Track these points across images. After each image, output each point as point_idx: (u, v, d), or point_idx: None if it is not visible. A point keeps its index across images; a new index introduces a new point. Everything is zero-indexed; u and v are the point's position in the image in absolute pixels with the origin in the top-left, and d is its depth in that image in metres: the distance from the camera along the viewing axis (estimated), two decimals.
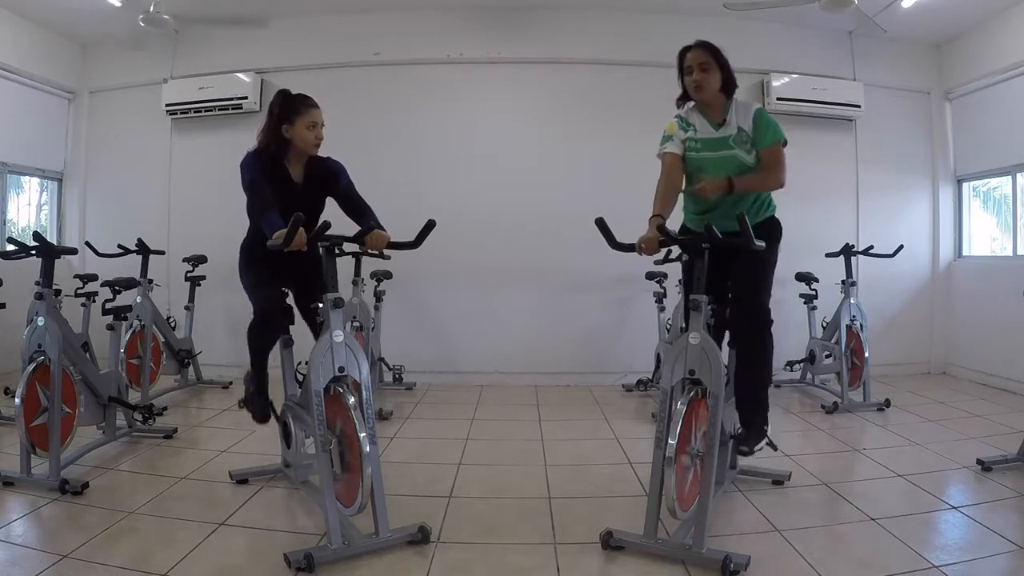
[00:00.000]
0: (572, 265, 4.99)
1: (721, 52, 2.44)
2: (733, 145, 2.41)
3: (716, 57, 2.42)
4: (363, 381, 2.22)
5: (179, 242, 5.03)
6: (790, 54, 5.22)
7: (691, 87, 2.45)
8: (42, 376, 2.69)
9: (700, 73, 2.41)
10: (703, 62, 2.41)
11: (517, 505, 2.54)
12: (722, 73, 2.42)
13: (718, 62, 2.41)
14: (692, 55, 2.44)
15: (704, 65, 2.41)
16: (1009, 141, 4.83)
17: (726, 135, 2.42)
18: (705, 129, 2.45)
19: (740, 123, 2.41)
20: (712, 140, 2.44)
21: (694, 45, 2.46)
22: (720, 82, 2.43)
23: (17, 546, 2.10)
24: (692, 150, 2.47)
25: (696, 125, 2.47)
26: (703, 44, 2.45)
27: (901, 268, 5.09)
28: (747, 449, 2.41)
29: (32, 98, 5.23)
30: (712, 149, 2.43)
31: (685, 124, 2.49)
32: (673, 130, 2.50)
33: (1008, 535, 2.17)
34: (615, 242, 2.28)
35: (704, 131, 2.45)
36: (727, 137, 2.42)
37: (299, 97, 2.50)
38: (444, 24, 5.14)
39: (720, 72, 2.42)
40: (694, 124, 2.48)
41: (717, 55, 2.42)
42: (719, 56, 2.42)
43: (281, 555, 2.00)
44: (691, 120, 2.49)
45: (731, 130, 2.42)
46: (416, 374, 4.87)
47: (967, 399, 4.42)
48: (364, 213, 2.53)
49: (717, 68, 2.41)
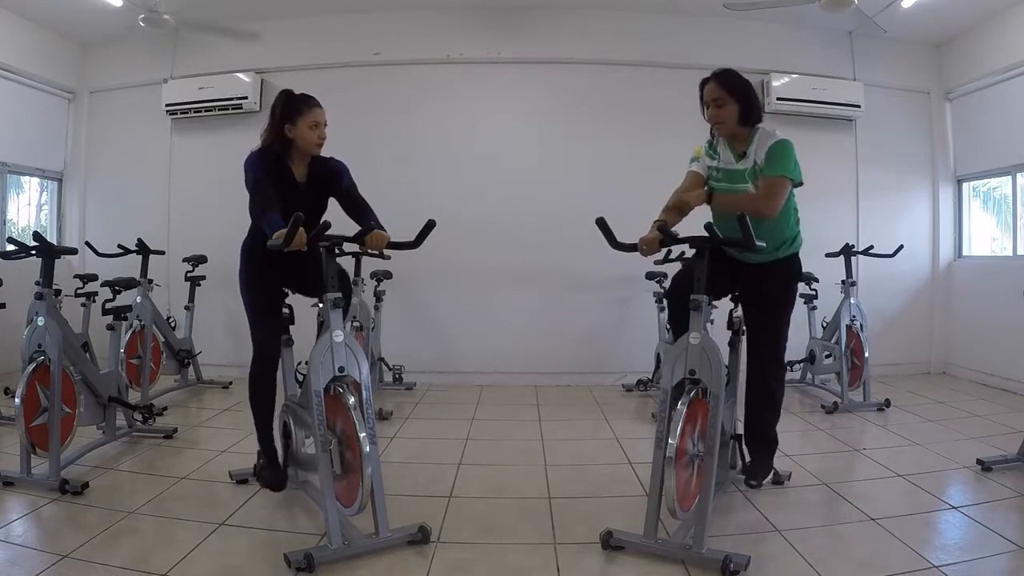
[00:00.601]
0: (572, 265, 4.99)
1: (738, 81, 2.38)
2: (747, 179, 2.39)
3: (731, 91, 2.35)
4: (363, 381, 2.22)
5: (179, 242, 5.03)
6: (790, 54, 5.22)
7: (711, 122, 2.42)
8: (42, 376, 2.69)
9: (715, 109, 2.37)
10: (717, 97, 2.36)
11: (517, 505, 2.54)
12: (740, 106, 2.35)
13: (734, 96, 2.35)
14: (708, 90, 2.40)
15: (719, 101, 2.36)
16: (1009, 141, 4.83)
17: (744, 168, 2.39)
18: (728, 160, 2.44)
19: (757, 156, 2.36)
20: (731, 172, 2.43)
21: (711, 78, 2.40)
22: (738, 115, 2.36)
23: (17, 546, 2.10)
24: (714, 179, 2.47)
25: (721, 155, 2.46)
26: (718, 77, 2.39)
27: (901, 268, 5.09)
28: (755, 483, 2.52)
29: (32, 98, 5.23)
30: (730, 181, 2.42)
31: (712, 152, 2.49)
32: (701, 153, 2.52)
33: (1008, 535, 2.17)
34: (615, 242, 2.28)
35: (726, 162, 2.44)
36: (743, 171, 2.39)
37: (301, 97, 2.50)
38: (444, 24, 5.14)
39: (737, 104, 2.35)
40: (719, 154, 2.46)
41: (732, 88, 2.36)
42: (734, 89, 2.36)
43: (281, 555, 2.00)
44: (718, 149, 2.48)
45: (749, 163, 2.38)
46: (416, 374, 4.87)
47: (967, 399, 4.42)
48: (365, 213, 2.53)
49: (733, 101, 2.35)
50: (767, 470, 2.54)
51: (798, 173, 2.36)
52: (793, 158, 2.35)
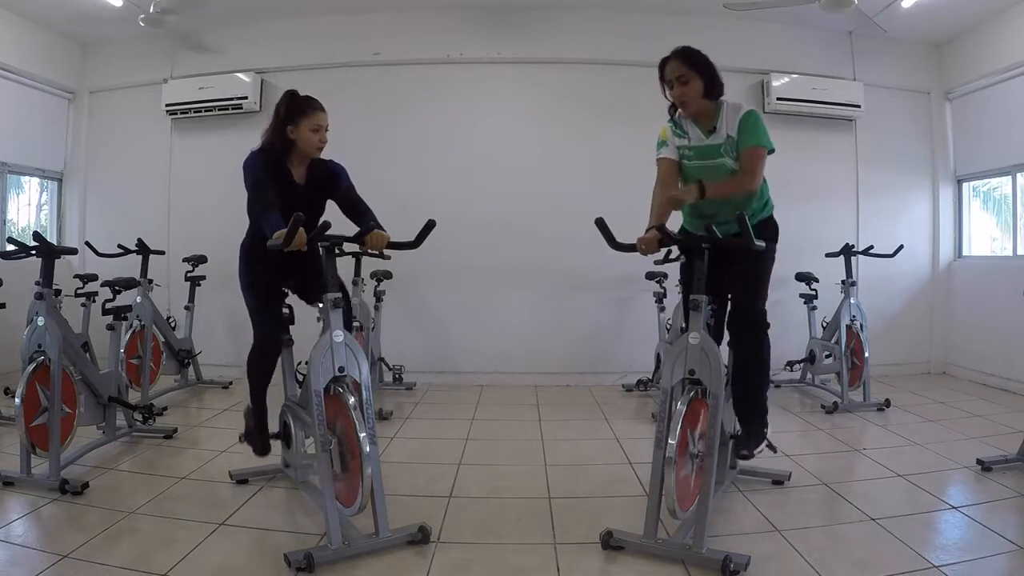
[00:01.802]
0: (572, 265, 4.99)
1: (699, 57, 2.34)
2: (723, 153, 2.36)
3: (693, 65, 2.32)
4: (363, 381, 2.22)
5: (179, 242, 5.03)
6: (790, 54, 5.22)
7: (675, 101, 2.40)
8: (42, 376, 2.69)
9: (680, 87, 2.34)
10: (680, 75, 2.33)
11: (517, 505, 2.54)
12: (703, 80, 2.33)
13: (697, 70, 2.32)
14: (670, 68, 2.36)
15: (683, 78, 2.33)
16: (1009, 141, 4.83)
17: (717, 143, 2.37)
18: (697, 137, 2.41)
19: (728, 130, 2.34)
20: (704, 148, 2.40)
21: (671, 56, 2.37)
22: (702, 89, 2.34)
23: (17, 546, 2.10)
24: (686, 158, 2.44)
25: (689, 133, 2.43)
26: (679, 54, 2.36)
27: (901, 268, 5.10)
28: (747, 453, 2.42)
29: (32, 98, 5.23)
30: (704, 157, 2.40)
31: (679, 131, 2.45)
32: (667, 135, 2.48)
33: (1008, 535, 2.17)
34: (615, 242, 2.28)
35: (696, 139, 2.41)
36: (718, 145, 2.37)
37: (306, 99, 2.50)
38: (444, 24, 5.14)
39: (701, 79, 2.33)
40: (687, 132, 2.43)
41: (694, 63, 2.33)
42: (697, 64, 2.33)
43: (281, 555, 2.00)
44: (684, 127, 2.44)
45: (721, 137, 2.36)
46: (416, 374, 4.87)
47: (967, 399, 4.42)
48: (364, 215, 2.53)
49: (697, 76, 2.32)
50: (759, 439, 2.44)
51: (770, 140, 2.36)
52: (764, 126, 2.35)
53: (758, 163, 2.33)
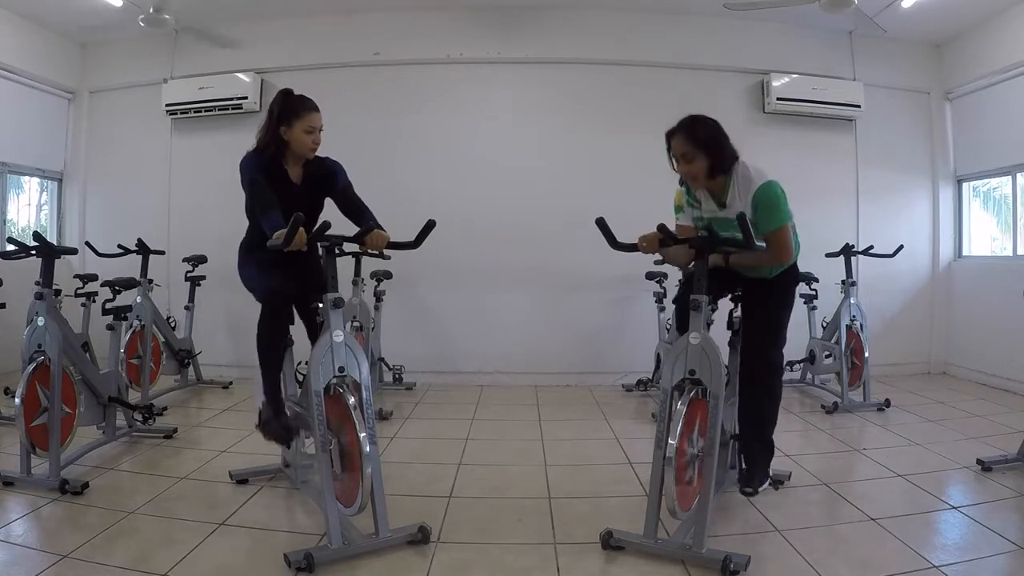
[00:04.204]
0: (572, 265, 4.98)
1: (706, 131, 2.26)
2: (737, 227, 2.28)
3: (699, 143, 2.25)
4: (363, 381, 2.22)
5: (179, 242, 5.03)
6: (790, 54, 5.21)
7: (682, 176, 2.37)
8: (42, 376, 2.69)
9: (685, 165, 2.29)
10: (685, 152, 2.27)
11: (517, 505, 2.54)
12: (709, 158, 2.25)
13: (702, 149, 2.25)
14: (675, 143, 2.30)
15: (687, 156, 2.27)
16: (1009, 141, 4.83)
17: (731, 217, 2.27)
18: (710, 209, 2.39)
19: (742, 203, 2.27)
20: (718, 221, 2.33)
21: (677, 129, 2.30)
22: (708, 168, 2.27)
23: (17, 546, 2.10)
24: (701, 229, 2.40)
25: (702, 203, 2.41)
26: (685, 128, 2.29)
27: (901, 268, 5.10)
28: (751, 490, 2.38)
29: (32, 98, 5.23)
30: (719, 228, 2.29)
31: (692, 200, 2.44)
32: (681, 201, 2.48)
33: (1008, 535, 2.17)
34: (615, 242, 2.28)
35: (709, 211, 2.39)
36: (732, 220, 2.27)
37: (299, 99, 2.48)
38: (444, 24, 5.14)
39: (706, 158, 2.25)
40: (700, 201, 2.41)
41: (700, 140, 2.25)
42: (702, 141, 2.25)
43: (281, 555, 2.00)
44: (697, 196, 2.42)
45: (733, 211, 2.25)
46: (416, 374, 4.87)
47: (967, 399, 4.42)
48: (363, 214, 2.51)
49: (703, 155, 2.25)
50: (764, 478, 2.44)
51: (789, 211, 2.30)
52: (782, 199, 2.27)
53: (787, 239, 2.30)
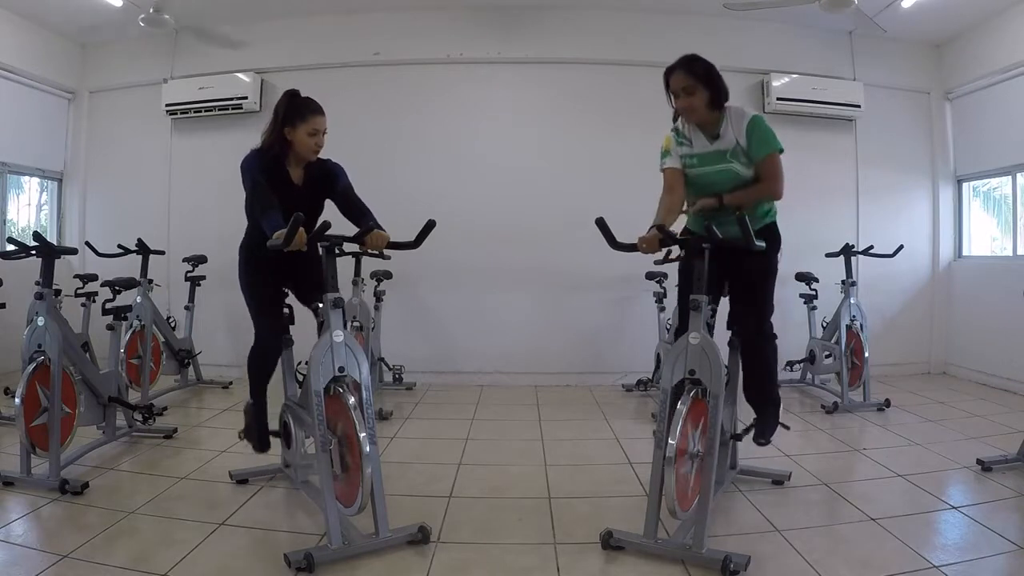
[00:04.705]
0: (572, 265, 4.99)
1: (705, 67, 2.33)
2: (731, 159, 2.36)
3: (699, 77, 2.31)
4: (363, 381, 2.22)
5: (179, 242, 5.03)
6: (790, 54, 5.21)
7: (681, 111, 2.40)
8: (42, 376, 2.68)
9: (686, 98, 2.33)
10: (686, 86, 2.32)
11: (517, 505, 2.54)
12: (708, 90, 2.32)
13: (702, 82, 2.31)
14: (675, 79, 2.35)
15: (688, 89, 2.32)
16: (1009, 141, 4.83)
17: (723, 148, 2.36)
18: (701, 143, 2.40)
19: (735, 136, 2.34)
20: (709, 154, 2.39)
21: (676, 66, 2.36)
22: (708, 100, 2.33)
23: (17, 546, 2.10)
24: (690, 167, 2.43)
25: (692, 139, 2.42)
26: (684, 64, 2.35)
27: (901, 268, 5.10)
28: (763, 440, 2.48)
29: (32, 98, 5.23)
30: (709, 164, 2.39)
31: (681, 138, 2.45)
32: (670, 144, 2.47)
33: (1008, 535, 2.17)
34: (615, 242, 2.28)
35: (700, 146, 2.41)
36: (724, 151, 2.36)
37: (305, 102, 2.49)
38: (444, 24, 5.14)
39: (706, 90, 2.32)
40: (690, 138, 2.43)
41: (700, 74, 2.31)
42: (702, 75, 2.31)
43: (281, 555, 2.00)
44: (687, 134, 2.44)
45: (727, 143, 2.35)
46: (416, 374, 4.87)
47: (967, 399, 4.42)
48: (364, 214, 2.52)
49: (703, 87, 2.32)
50: (774, 427, 2.53)
51: (778, 141, 2.37)
52: (770, 129, 2.35)
53: (778, 168, 2.35)
